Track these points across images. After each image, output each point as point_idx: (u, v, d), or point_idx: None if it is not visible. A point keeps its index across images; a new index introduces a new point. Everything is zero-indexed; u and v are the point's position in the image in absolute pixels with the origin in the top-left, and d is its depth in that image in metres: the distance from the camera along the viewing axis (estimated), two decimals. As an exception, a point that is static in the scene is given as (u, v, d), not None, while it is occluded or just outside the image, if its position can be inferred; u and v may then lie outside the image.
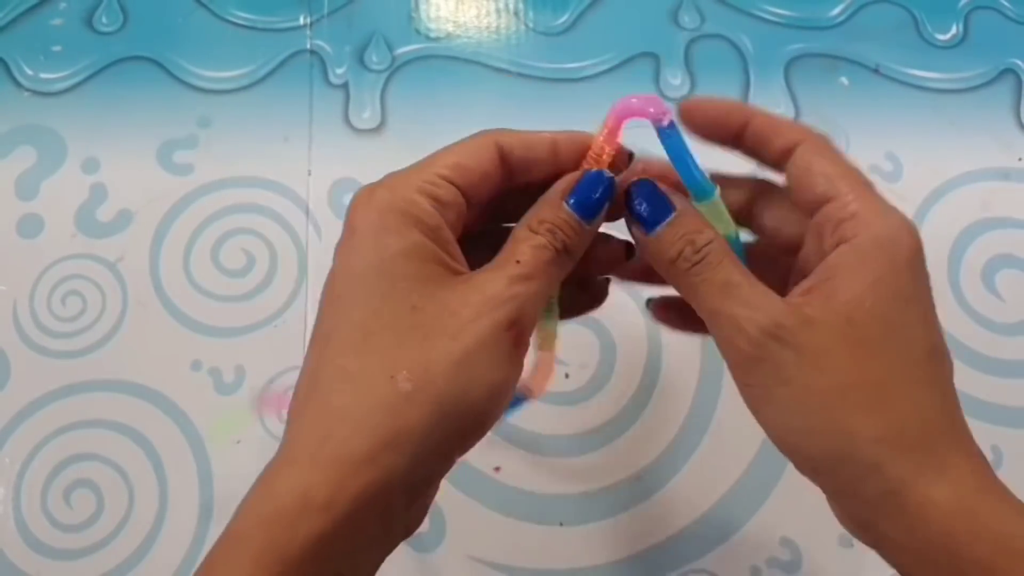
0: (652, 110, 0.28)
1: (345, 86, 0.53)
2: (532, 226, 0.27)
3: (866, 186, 0.27)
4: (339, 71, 0.53)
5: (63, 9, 0.54)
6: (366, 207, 0.26)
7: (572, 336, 0.47)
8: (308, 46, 0.54)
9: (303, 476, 0.24)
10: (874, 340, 0.25)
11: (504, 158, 0.28)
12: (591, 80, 0.53)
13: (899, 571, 0.26)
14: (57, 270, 0.48)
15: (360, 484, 0.23)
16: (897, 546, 0.25)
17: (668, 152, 0.29)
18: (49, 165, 0.50)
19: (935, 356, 0.26)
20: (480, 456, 0.45)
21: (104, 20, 0.54)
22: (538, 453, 0.45)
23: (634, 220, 0.28)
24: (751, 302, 0.26)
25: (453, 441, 0.25)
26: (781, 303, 0.26)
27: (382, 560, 0.26)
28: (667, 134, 0.28)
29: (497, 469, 0.45)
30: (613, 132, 0.28)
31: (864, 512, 0.26)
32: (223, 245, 0.49)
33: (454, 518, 0.44)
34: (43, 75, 0.53)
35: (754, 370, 0.26)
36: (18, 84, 0.52)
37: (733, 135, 0.29)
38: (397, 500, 0.25)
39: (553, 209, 0.27)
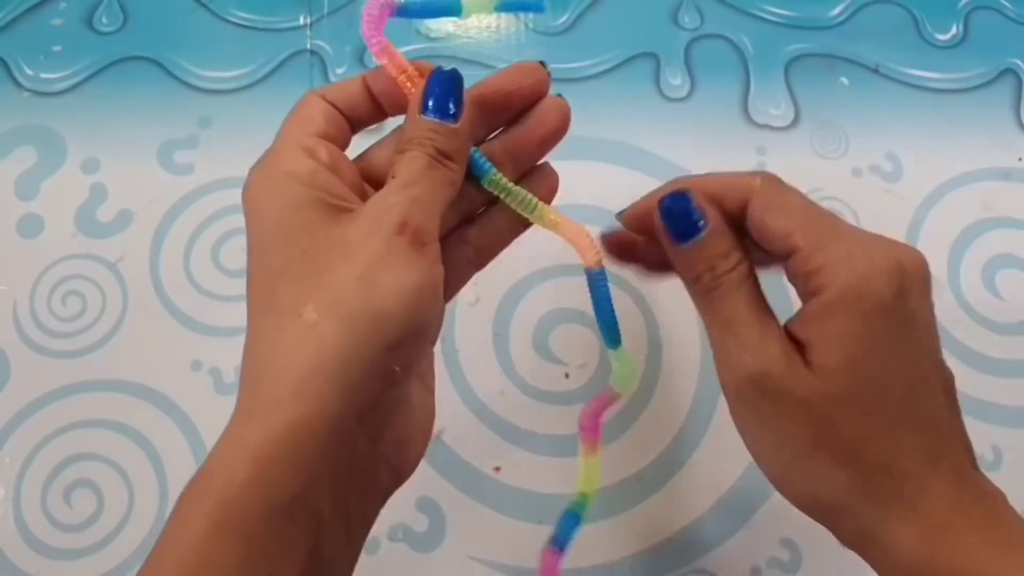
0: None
1: (345, 86, 0.52)
2: (400, 147, 0.28)
3: (829, 229, 0.27)
4: (339, 71, 0.53)
5: (63, 9, 0.54)
6: (248, 188, 0.28)
7: (572, 336, 0.47)
8: (308, 46, 0.54)
9: (239, 427, 0.25)
10: (846, 395, 0.26)
11: (368, 86, 0.30)
12: (591, 80, 0.53)
13: None
14: (57, 270, 0.48)
15: (288, 419, 0.24)
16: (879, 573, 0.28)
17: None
18: (49, 165, 0.50)
19: (915, 393, 0.27)
20: (480, 456, 0.45)
21: (104, 20, 0.54)
22: (538, 453, 0.45)
23: (664, 227, 0.28)
24: (746, 344, 0.27)
25: (383, 355, 0.25)
26: (774, 350, 0.27)
27: (358, 499, 0.27)
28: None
29: (497, 469, 0.45)
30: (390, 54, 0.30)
31: (846, 542, 0.29)
32: (223, 245, 0.49)
33: (454, 518, 0.44)
34: (43, 75, 0.53)
35: (738, 407, 0.28)
36: (18, 84, 0.52)
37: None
38: (339, 428, 0.24)
39: (414, 124, 0.28)
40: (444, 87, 0.28)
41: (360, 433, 0.26)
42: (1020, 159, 0.52)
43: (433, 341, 0.29)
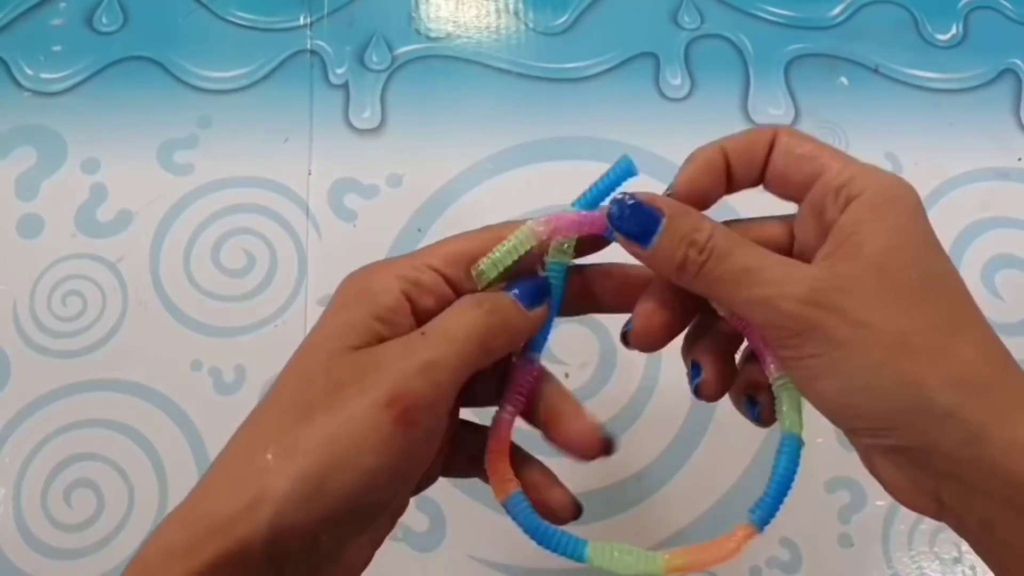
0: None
1: (345, 86, 0.53)
2: (473, 274, 0.27)
3: (850, 157, 0.27)
4: (339, 71, 0.53)
5: (63, 9, 0.54)
6: (341, 285, 0.27)
7: (572, 336, 0.47)
8: (308, 46, 0.54)
9: (172, 532, 0.24)
10: (915, 286, 0.25)
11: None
12: (591, 80, 0.53)
13: (984, 528, 0.25)
14: (57, 270, 0.48)
15: (216, 546, 0.23)
16: (983, 496, 0.24)
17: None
18: (49, 165, 0.50)
19: (970, 297, 0.26)
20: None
21: (104, 20, 0.54)
22: (538, 453, 0.45)
23: (626, 240, 0.27)
24: (778, 278, 0.25)
25: (320, 521, 0.24)
26: (811, 269, 0.25)
27: None
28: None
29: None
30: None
31: (944, 465, 0.24)
32: (223, 245, 0.49)
33: (454, 518, 0.44)
34: (43, 75, 0.53)
35: (803, 343, 0.25)
36: (18, 84, 0.52)
37: (724, 185, 0.28)
38: (256, 569, 0.24)
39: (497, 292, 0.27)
40: (537, 288, 0.28)
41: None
42: (1020, 159, 0.52)
43: (390, 513, 0.27)
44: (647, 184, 0.50)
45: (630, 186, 0.28)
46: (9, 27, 0.54)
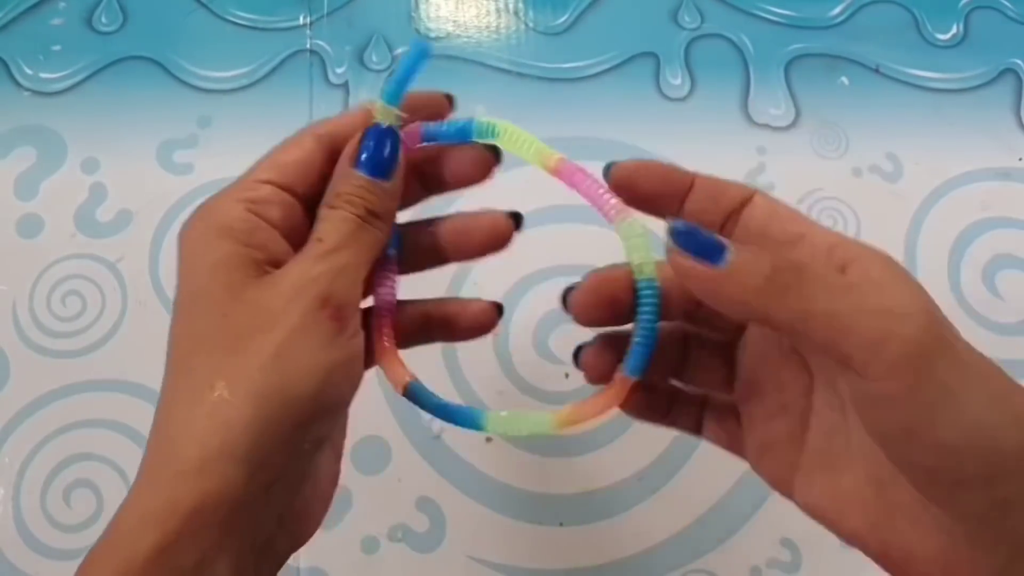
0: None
1: (345, 85, 0.53)
2: (329, 202, 0.27)
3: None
4: (339, 70, 0.53)
5: (63, 9, 0.54)
6: (185, 230, 0.27)
7: (572, 336, 0.47)
8: (308, 45, 0.54)
9: (145, 497, 0.24)
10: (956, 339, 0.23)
11: (327, 146, 0.28)
12: (591, 80, 0.53)
13: None
14: (57, 270, 0.48)
15: (194, 495, 0.24)
16: None
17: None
18: (49, 165, 0.50)
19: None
20: (480, 456, 0.45)
21: (104, 20, 0.54)
22: (538, 453, 0.45)
23: (694, 258, 0.24)
24: (885, 292, 0.23)
25: (293, 433, 0.25)
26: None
27: (256, 565, 0.26)
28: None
29: (496, 468, 0.45)
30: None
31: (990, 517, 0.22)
32: (223, 245, 0.49)
33: (454, 518, 0.44)
34: (43, 75, 0.53)
35: (932, 364, 0.22)
36: (18, 84, 0.52)
37: (675, 204, 0.27)
38: (243, 504, 0.24)
39: (345, 178, 0.27)
40: (380, 142, 0.27)
41: (264, 505, 0.25)
42: (1020, 159, 0.52)
43: (346, 410, 0.28)
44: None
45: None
46: (8, 27, 0.54)
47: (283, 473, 0.25)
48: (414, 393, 0.30)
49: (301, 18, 0.54)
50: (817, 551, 0.44)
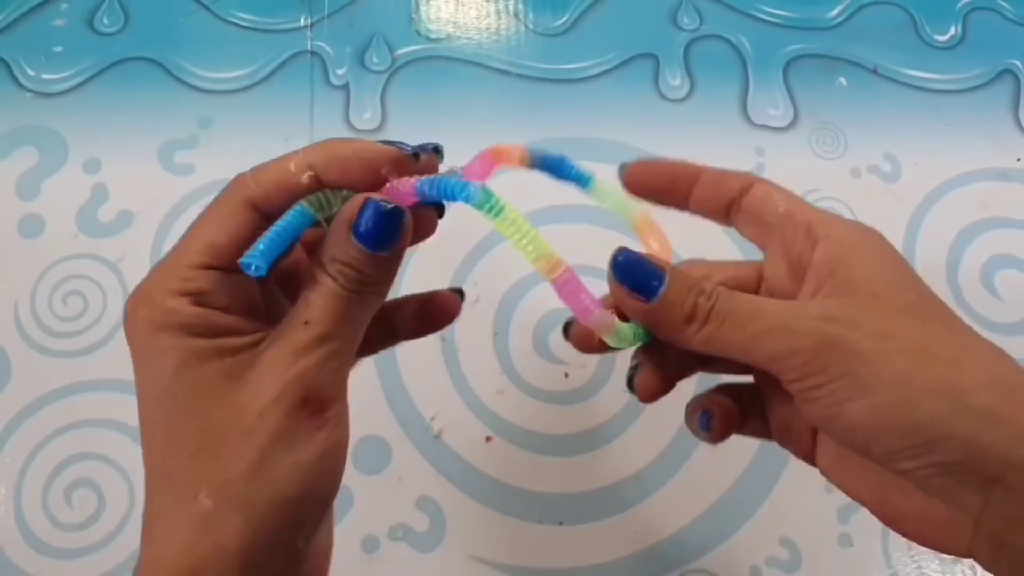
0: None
1: (346, 87, 0.53)
2: (322, 266, 0.25)
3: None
4: (340, 72, 0.53)
5: (64, 10, 0.54)
6: (133, 331, 0.26)
7: (572, 336, 0.47)
8: (309, 47, 0.54)
9: None
10: (914, 305, 0.25)
11: (262, 210, 0.26)
12: (591, 81, 0.53)
13: None
14: (58, 270, 0.48)
15: None
16: None
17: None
18: (50, 165, 0.50)
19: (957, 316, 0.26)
20: (480, 456, 0.45)
21: (105, 21, 0.54)
22: (538, 453, 0.45)
23: (630, 295, 0.26)
24: (787, 307, 0.25)
25: (286, 531, 0.24)
26: (812, 302, 0.26)
27: None
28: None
29: (496, 468, 0.45)
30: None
31: (993, 470, 0.23)
32: (224, 245, 0.49)
33: (454, 518, 0.44)
34: (45, 76, 0.53)
35: (827, 363, 0.24)
36: (20, 85, 0.53)
37: (682, 196, 0.30)
38: None
39: (341, 245, 0.25)
40: (382, 219, 0.24)
41: None
42: (1018, 159, 0.52)
43: (334, 498, 0.27)
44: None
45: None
46: (10, 28, 0.54)
47: (286, 562, 0.25)
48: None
49: (302, 19, 0.54)
50: (816, 550, 0.44)
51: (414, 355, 0.46)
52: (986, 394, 0.23)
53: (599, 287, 0.27)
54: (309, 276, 0.25)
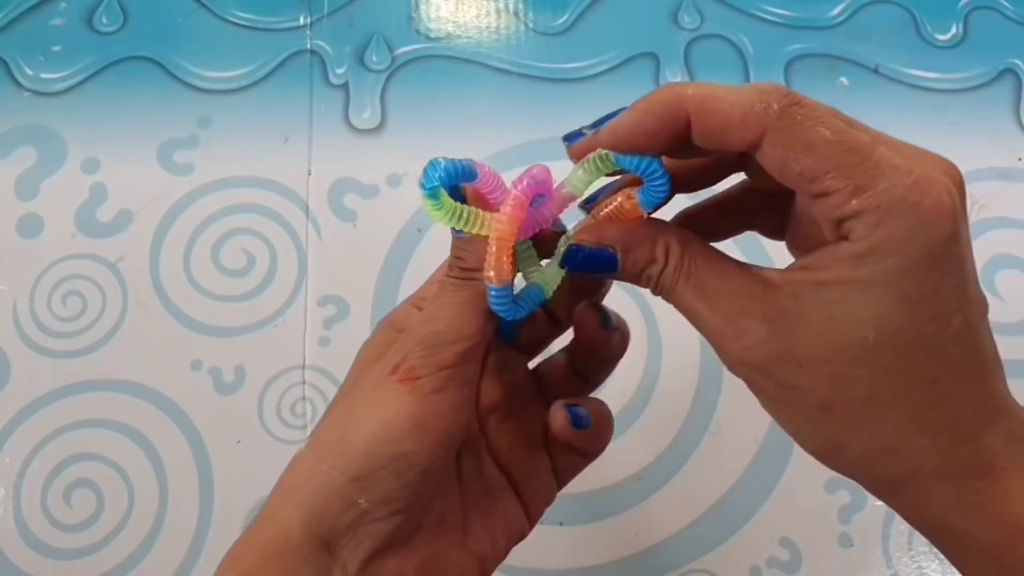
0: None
1: (345, 86, 0.53)
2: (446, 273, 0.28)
3: (857, 159, 0.23)
4: (339, 71, 0.53)
5: (63, 9, 0.54)
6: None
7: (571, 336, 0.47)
8: (308, 46, 0.54)
9: (251, 532, 0.27)
10: (861, 349, 0.23)
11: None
12: (591, 80, 0.53)
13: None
14: (57, 270, 0.48)
15: (261, 541, 0.26)
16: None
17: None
18: (49, 165, 0.50)
19: (945, 356, 0.23)
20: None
21: (104, 20, 0.54)
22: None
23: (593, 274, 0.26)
24: (717, 329, 0.25)
25: (346, 485, 0.26)
26: (750, 328, 0.24)
27: None
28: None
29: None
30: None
31: (913, 520, 0.25)
32: (223, 245, 0.49)
33: (454, 518, 0.44)
34: (43, 75, 0.53)
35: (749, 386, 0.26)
36: (18, 84, 0.52)
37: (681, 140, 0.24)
38: (302, 552, 0.25)
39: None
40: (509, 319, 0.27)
41: (335, 565, 0.26)
42: (1020, 159, 0.52)
43: (421, 470, 0.26)
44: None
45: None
46: (9, 27, 0.54)
47: (345, 529, 0.26)
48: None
49: (301, 18, 0.54)
50: (817, 551, 0.44)
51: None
52: (865, 457, 0.25)
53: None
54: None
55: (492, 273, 0.26)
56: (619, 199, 0.26)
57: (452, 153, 0.55)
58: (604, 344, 0.30)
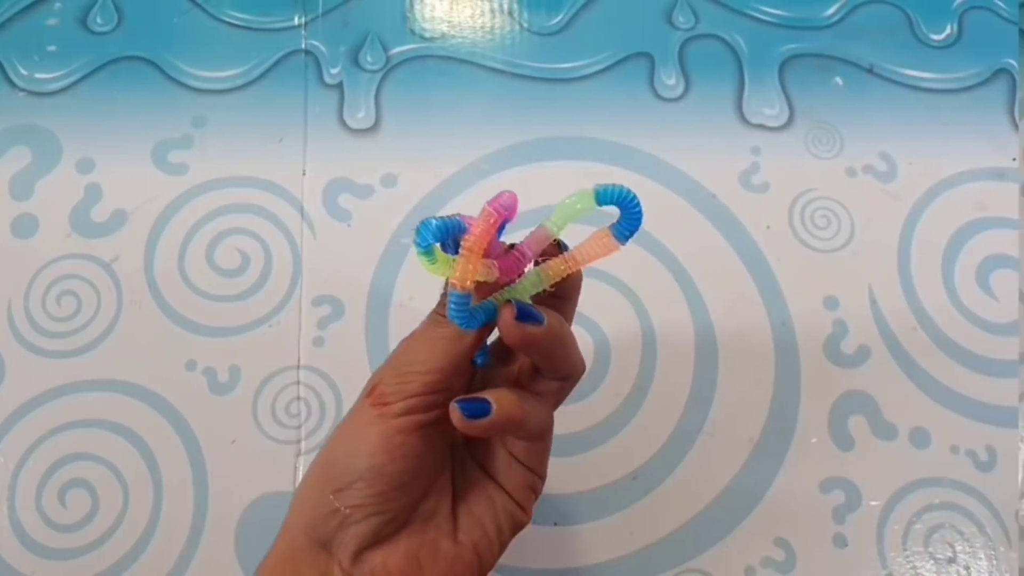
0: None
1: (340, 86, 0.53)
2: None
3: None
4: (334, 71, 0.53)
5: (58, 9, 0.54)
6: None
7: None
8: (303, 46, 0.54)
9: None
10: None
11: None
12: (586, 80, 0.53)
13: None
14: (52, 270, 0.48)
15: (277, 549, 0.32)
16: None
17: None
18: (44, 165, 0.50)
19: None
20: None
21: (99, 20, 0.54)
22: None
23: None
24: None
25: (332, 496, 0.30)
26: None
27: None
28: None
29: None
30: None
31: None
32: (218, 245, 0.49)
33: (449, 518, 0.44)
34: (38, 75, 0.53)
35: None
36: (13, 84, 0.52)
37: None
38: (305, 559, 0.31)
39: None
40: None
41: (333, 562, 0.31)
42: (1014, 159, 0.52)
43: (393, 482, 0.30)
44: (642, 183, 0.50)
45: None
46: (3, 27, 0.54)
47: (332, 533, 0.30)
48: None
49: (296, 18, 0.54)
50: (811, 551, 0.44)
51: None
52: None
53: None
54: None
55: (455, 279, 0.28)
56: (595, 234, 0.30)
57: (448, 152, 0.56)
58: (518, 336, 0.31)
